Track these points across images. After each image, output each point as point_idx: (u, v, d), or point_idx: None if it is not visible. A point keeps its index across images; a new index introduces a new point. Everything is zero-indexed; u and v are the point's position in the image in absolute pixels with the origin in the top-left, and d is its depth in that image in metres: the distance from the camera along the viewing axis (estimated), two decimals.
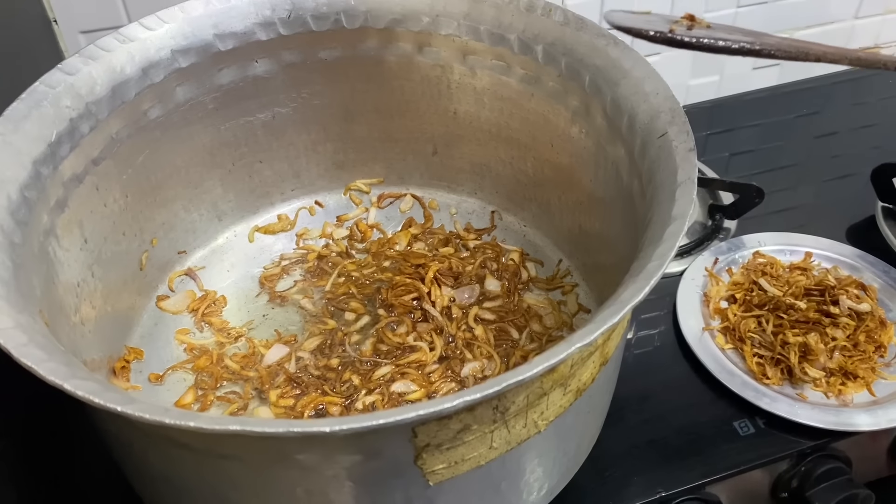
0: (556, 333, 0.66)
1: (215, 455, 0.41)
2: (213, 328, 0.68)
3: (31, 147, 0.53)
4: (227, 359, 0.65)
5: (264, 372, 0.64)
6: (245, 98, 0.68)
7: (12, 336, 0.39)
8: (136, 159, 0.63)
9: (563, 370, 0.42)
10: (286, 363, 0.64)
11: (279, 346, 0.65)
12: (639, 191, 0.55)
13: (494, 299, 0.69)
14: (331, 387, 0.62)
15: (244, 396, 0.63)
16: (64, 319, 0.55)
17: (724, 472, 0.64)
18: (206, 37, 0.63)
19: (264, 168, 0.74)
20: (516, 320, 0.67)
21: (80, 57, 0.58)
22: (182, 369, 0.65)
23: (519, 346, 0.65)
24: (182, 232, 0.71)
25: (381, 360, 0.64)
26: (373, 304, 0.69)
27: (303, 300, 0.70)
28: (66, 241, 0.56)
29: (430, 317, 0.66)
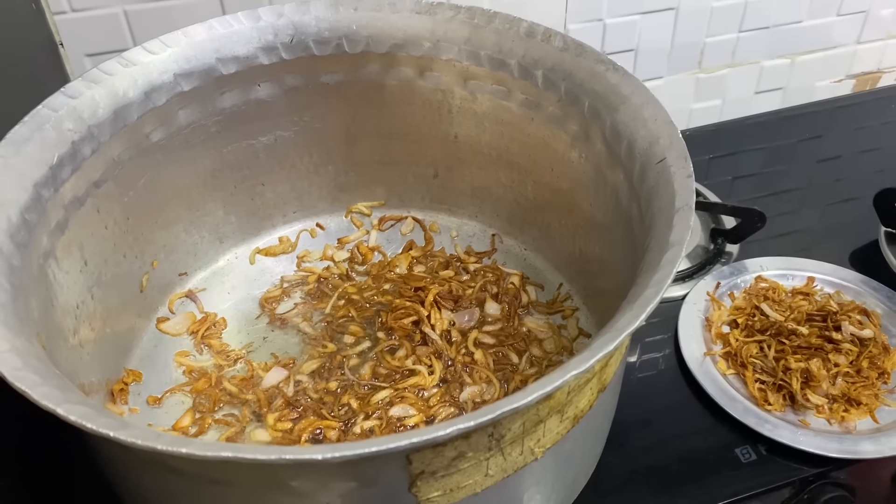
0: (556, 358, 0.66)
1: (209, 480, 0.41)
2: (212, 350, 0.68)
3: (33, 170, 0.53)
4: (225, 381, 0.65)
5: (262, 395, 0.63)
6: (247, 121, 0.68)
7: (7, 360, 0.39)
8: (138, 181, 0.63)
9: (560, 397, 0.42)
10: (284, 386, 0.64)
11: (278, 369, 0.65)
12: (637, 216, 0.55)
13: (494, 323, 0.69)
14: (328, 410, 0.62)
15: (242, 419, 0.63)
16: (62, 342, 0.55)
17: (725, 500, 0.64)
18: (208, 61, 0.63)
19: (266, 190, 0.74)
20: (516, 344, 0.67)
21: (83, 80, 0.58)
22: (181, 392, 0.65)
23: (518, 371, 0.64)
24: (183, 254, 0.71)
25: (380, 384, 0.63)
26: (372, 328, 0.69)
27: (302, 323, 0.70)
28: (65, 264, 0.56)
29: (429, 340, 0.66)
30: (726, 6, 0.98)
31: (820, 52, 1.08)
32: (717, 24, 1.00)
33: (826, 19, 1.05)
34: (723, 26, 1.01)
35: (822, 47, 1.08)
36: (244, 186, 0.73)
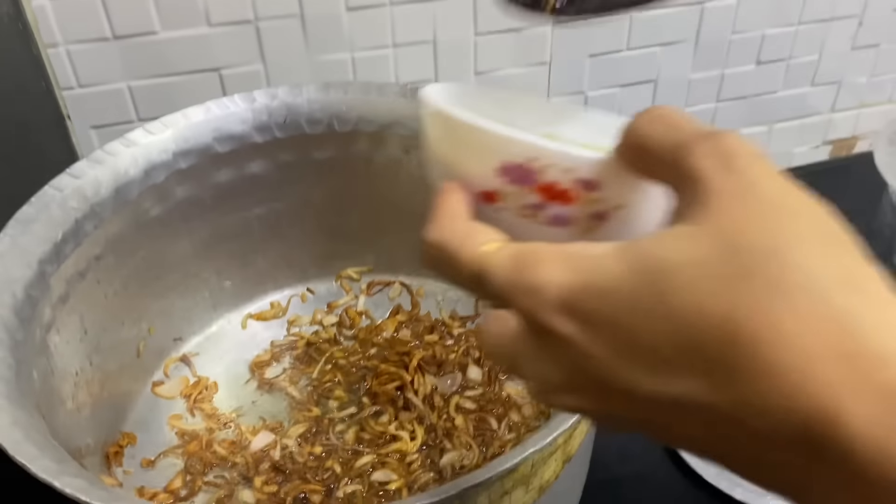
0: (534, 423, 0.68)
1: None
2: (203, 414, 0.71)
3: (38, 247, 0.57)
4: (216, 444, 0.68)
5: (250, 458, 0.66)
6: (241, 195, 0.72)
7: (10, 434, 0.42)
8: (137, 253, 0.67)
9: (524, 470, 0.45)
10: (272, 450, 0.67)
11: (265, 433, 0.68)
12: None
13: (475, 388, 0.72)
14: (313, 475, 0.64)
15: (231, 482, 0.65)
16: (61, 407, 0.58)
17: None
18: (205, 140, 0.67)
19: (258, 258, 0.78)
20: (496, 410, 0.69)
21: (88, 161, 0.62)
22: (173, 454, 0.67)
23: (497, 437, 0.67)
24: (178, 320, 0.74)
25: (363, 449, 0.66)
26: (357, 392, 0.72)
27: (290, 387, 0.73)
28: (66, 333, 0.60)
29: (412, 406, 0.69)
30: (704, 78, 1.03)
31: (796, 119, 1.13)
32: (696, 95, 1.05)
33: (801, 89, 1.09)
34: (701, 96, 1.05)
35: (798, 115, 1.12)
36: (238, 255, 0.76)
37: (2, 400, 0.45)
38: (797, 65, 1.06)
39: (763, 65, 1.04)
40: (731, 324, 0.21)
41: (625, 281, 0.24)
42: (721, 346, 0.21)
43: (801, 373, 0.21)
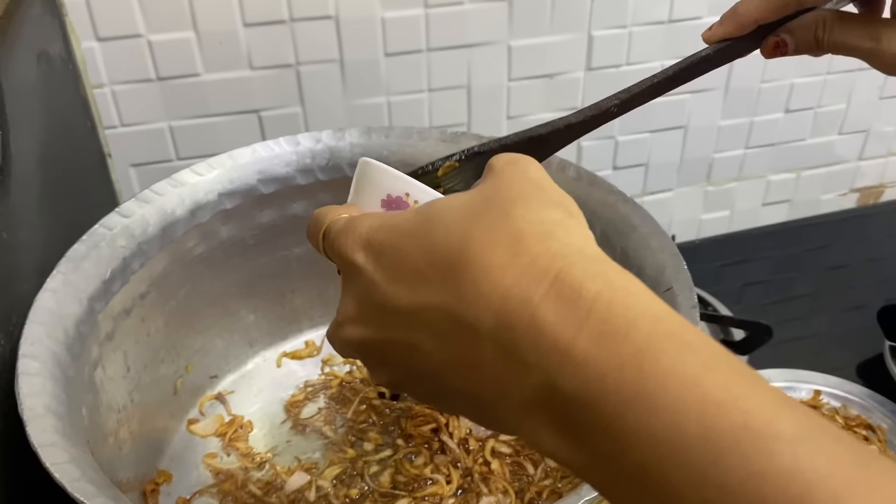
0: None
1: None
2: (238, 453, 0.71)
3: (88, 285, 0.58)
4: (250, 484, 0.68)
5: (286, 499, 0.66)
6: (282, 234, 0.73)
7: (67, 471, 0.42)
8: (179, 291, 0.68)
9: None
10: (307, 491, 0.67)
11: (300, 474, 0.68)
12: None
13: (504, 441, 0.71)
14: None
15: None
16: (104, 443, 0.58)
17: None
18: (250, 181, 0.69)
19: (295, 297, 0.78)
20: (531, 454, 0.69)
21: (136, 201, 0.63)
22: (208, 493, 0.68)
23: (534, 482, 0.67)
24: (215, 357, 0.75)
25: (399, 492, 0.66)
26: (392, 434, 0.72)
27: (325, 427, 0.73)
28: (111, 370, 0.60)
29: (447, 449, 0.69)
30: (733, 125, 1.04)
31: (824, 167, 1.13)
32: (725, 141, 1.06)
33: (829, 137, 1.10)
34: (730, 143, 1.06)
35: (825, 163, 1.13)
36: (275, 293, 0.77)
37: (57, 436, 0.45)
38: (825, 113, 1.07)
39: (791, 113, 1.05)
40: (461, 245, 0.30)
41: (410, 221, 0.33)
42: (453, 260, 0.30)
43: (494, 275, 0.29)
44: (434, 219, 0.32)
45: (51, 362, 0.51)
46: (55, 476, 0.42)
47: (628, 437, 0.25)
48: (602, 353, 0.26)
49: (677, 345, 0.26)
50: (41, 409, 0.47)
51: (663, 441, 0.25)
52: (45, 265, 0.58)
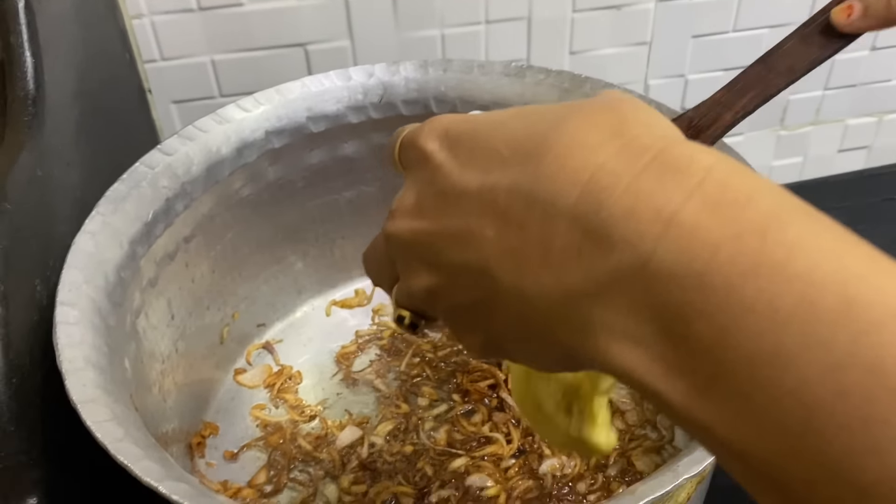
0: (639, 431, 0.64)
1: None
2: (287, 405, 0.68)
3: (129, 227, 0.54)
4: (300, 438, 0.65)
5: (336, 454, 0.63)
6: (332, 177, 0.69)
7: (109, 430, 0.39)
8: (226, 236, 0.64)
9: (664, 497, 0.40)
10: (359, 447, 0.63)
11: (352, 429, 0.65)
12: None
13: None
14: (403, 476, 0.61)
15: (315, 478, 0.62)
16: (147, 394, 0.55)
17: None
18: (299, 119, 0.64)
19: (346, 243, 0.74)
20: None
21: (179, 137, 0.59)
22: (256, 447, 0.65)
23: None
24: (262, 305, 0.71)
25: (456, 451, 0.62)
26: (447, 389, 0.68)
27: (376, 380, 0.69)
28: (154, 318, 0.57)
29: (506, 406, 0.65)
30: None
31: None
32: (802, 82, 0.98)
33: None
34: (807, 84, 0.98)
35: None
36: (325, 239, 0.73)
37: (98, 391, 0.42)
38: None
39: (878, 51, 0.97)
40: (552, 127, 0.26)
41: (499, 114, 0.29)
42: (539, 141, 0.26)
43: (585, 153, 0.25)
44: (526, 111, 0.29)
45: (90, 310, 0.47)
46: (96, 436, 0.38)
47: (744, 315, 0.20)
48: (716, 222, 0.22)
49: (807, 217, 0.22)
50: (81, 361, 0.43)
51: (793, 317, 0.20)
52: (83, 206, 0.54)
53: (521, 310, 0.27)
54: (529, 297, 0.26)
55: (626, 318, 0.23)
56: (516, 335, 0.28)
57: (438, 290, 0.30)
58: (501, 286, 0.27)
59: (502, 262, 0.27)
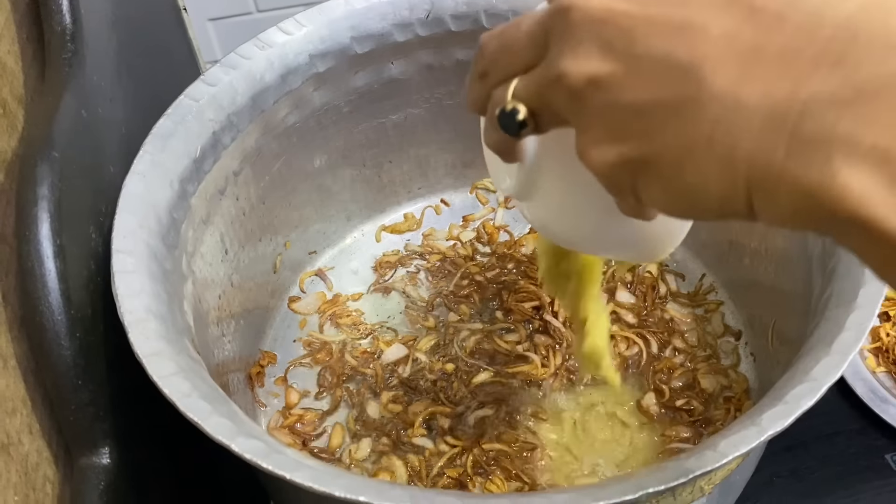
0: (700, 353, 0.63)
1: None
2: (342, 326, 0.67)
3: (177, 165, 0.52)
4: (347, 354, 0.65)
5: (380, 370, 0.63)
6: (379, 100, 0.66)
7: (176, 385, 0.39)
8: (273, 166, 0.62)
9: None
10: (402, 364, 0.64)
11: (398, 346, 0.65)
12: None
13: (626, 313, 0.66)
14: (444, 394, 0.61)
15: (360, 394, 0.62)
16: (206, 331, 0.55)
17: None
18: (343, 40, 0.61)
19: (393, 168, 0.72)
20: (658, 333, 0.64)
21: (222, 67, 0.57)
22: (302, 364, 0.65)
23: (664, 359, 0.62)
24: (313, 233, 0.70)
25: (481, 364, 0.62)
26: (490, 308, 0.67)
27: (408, 287, 0.70)
28: (208, 256, 0.56)
29: (552, 329, 0.64)
30: None
31: None
32: None
33: None
34: None
35: None
36: (372, 164, 0.71)
37: (161, 343, 0.41)
38: None
39: None
40: None
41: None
42: None
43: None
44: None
45: (146, 256, 0.46)
46: (164, 392, 0.38)
47: None
48: None
49: None
50: (142, 311, 0.42)
51: None
52: (129, 142, 0.52)
53: (716, 120, 0.24)
54: (743, 105, 0.24)
55: (883, 130, 0.22)
56: (684, 153, 0.26)
57: (609, 81, 0.27)
58: (707, 90, 0.24)
59: (723, 63, 0.24)
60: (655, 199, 0.28)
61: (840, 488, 0.62)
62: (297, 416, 0.62)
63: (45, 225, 0.40)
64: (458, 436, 0.58)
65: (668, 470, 0.33)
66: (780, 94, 0.23)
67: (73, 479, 0.40)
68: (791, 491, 0.62)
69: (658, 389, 0.60)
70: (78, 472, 0.40)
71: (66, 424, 0.41)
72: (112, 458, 0.41)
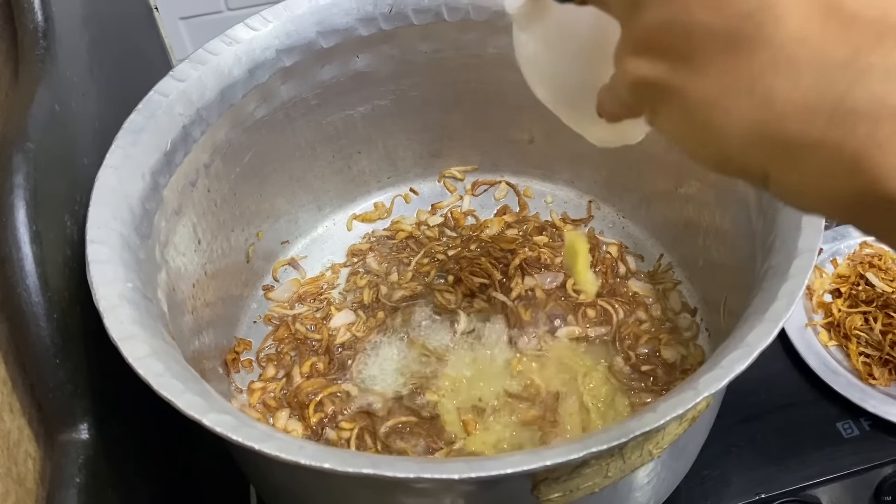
0: (662, 326, 0.66)
1: (342, 478, 0.42)
2: (306, 301, 0.71)
3: (149, 158, 0.54)
4: (298, 323, 0.68)
5: (326, 335, 0.67)
6: (346, 92, 0.68)
7: (150, 366, 0.41)
8: (244, 158, 0.64)
9: None
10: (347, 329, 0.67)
11: (347, 312, 0.68)
12: (755, 199, 0.53)
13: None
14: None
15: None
16: (181, 319, 0.57)
17: (826, 476, 0.64)
18: (309, 35, 0.63)
19: (362, 158, 0.74)
20: (622, 302, 0.67)
21: (190, 62, 0.58)
22: (266, 346, 0.68)
23: (630, 324, 0.66)
24: (285, 223, 0.72)
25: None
26: (444, 277, 0.71)
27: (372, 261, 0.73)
28: (181, 246, 0.58)
29: (495, 302, 0.67)
30: None
31: None
32: None
33: None
34: None
35: None
36: (341, 155, 0.73)
37: (136, 327, 0.43)
38: None
39: None
40: None
41: None
42: None
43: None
44: None
45: (120, 246, 0.48)
46: (139, 372, 0.40)
47: None
48: None
49: None
50: (116, 298, 0.44)
51: None
52: (103, 136, 0.54)
53: (768, 65, 0.24)
54: (801, 59, 0.24)
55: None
56: (722, 91, 0.25)
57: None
58: (770, 33, 0.24)
59: (795, 11, 0.24)
60: (669, 127, 0.28)
61: (794, 455, 0.65)
62: (259, 390, 0.64)
63: (22, 212, 0.42)
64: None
65: (611, 431, 0.36)
66: (841, 57, 0.23)
67: (54, 455, 0.42)
68: (747, 459, 0.65)
69: (626, 355, 0.63)
70: (58, 448, 0.42)
71: (46, 402, 0.43)
72: (90, 433, 0.43)
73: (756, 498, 0.63)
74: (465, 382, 0.63)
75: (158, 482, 0.54)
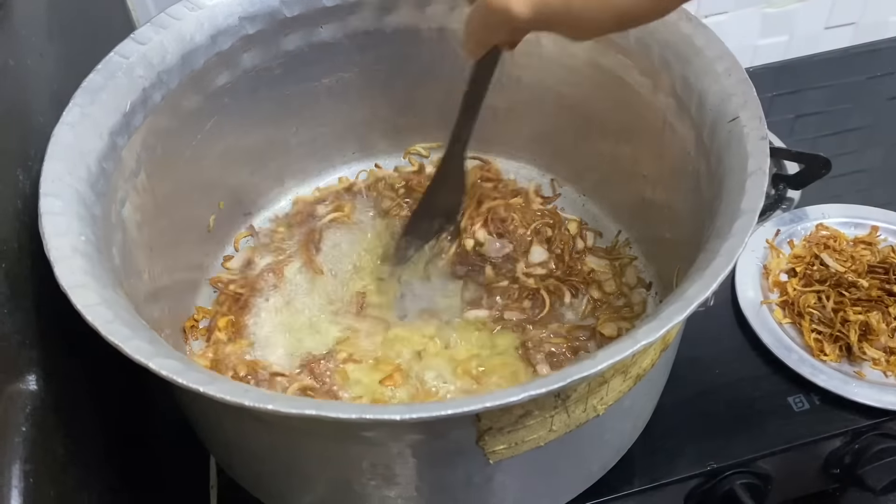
0: (615, 302, 0.67)
1: (288, 427, 0.43)
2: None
3: (108, 118, 0.54)
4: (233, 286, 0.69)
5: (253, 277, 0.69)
6: (310, 63, 0.68)
7: (99, 313, 0.41)
8: (205, 125, 0.64)
9: (625, 360, 0.43)
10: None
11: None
12: (706, 172, 0.54)
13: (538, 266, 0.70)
14: None
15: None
16: (138, 281, 0.57)
17: (776, 448, 0.65)
18: (272, 3, 0.63)
19: (327, 132, 0.75)
20: (574, 282, 0.68)
21: (152, 26, 0.59)
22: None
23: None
24: (247, 194, 0.73)
25: None
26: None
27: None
28: (139, 209, 0.58)
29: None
30: None
31: None
32: None
33: None
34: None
35: None
36: (306, 128, 0.73)
37: (87, 278, 0.44)
38: None
39: None
40: None
41: None
42: None
43: None
44: None
45: (75, 201, 0.48)
46: (87, 318, 0.40)
47: None
48: None
49: None
50: (68, 249, 0.45)
51: None
52: (60, 96, 0.54)
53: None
54: None
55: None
56: None
57: None
58: None
59: None
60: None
61: (745, 428, 0.66)
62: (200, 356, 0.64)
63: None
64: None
65: (551, 376, 0.37)
66: None
67: (1, 405, 0.42)
68: (699, 432, 0.66)
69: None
70: (5, 398, 0.42)
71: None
72: (38, 385, 0.43)
73: (707, 468, 0.64)
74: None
75: (112, 438, 0.54)
